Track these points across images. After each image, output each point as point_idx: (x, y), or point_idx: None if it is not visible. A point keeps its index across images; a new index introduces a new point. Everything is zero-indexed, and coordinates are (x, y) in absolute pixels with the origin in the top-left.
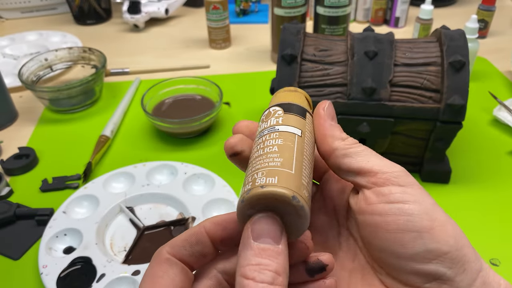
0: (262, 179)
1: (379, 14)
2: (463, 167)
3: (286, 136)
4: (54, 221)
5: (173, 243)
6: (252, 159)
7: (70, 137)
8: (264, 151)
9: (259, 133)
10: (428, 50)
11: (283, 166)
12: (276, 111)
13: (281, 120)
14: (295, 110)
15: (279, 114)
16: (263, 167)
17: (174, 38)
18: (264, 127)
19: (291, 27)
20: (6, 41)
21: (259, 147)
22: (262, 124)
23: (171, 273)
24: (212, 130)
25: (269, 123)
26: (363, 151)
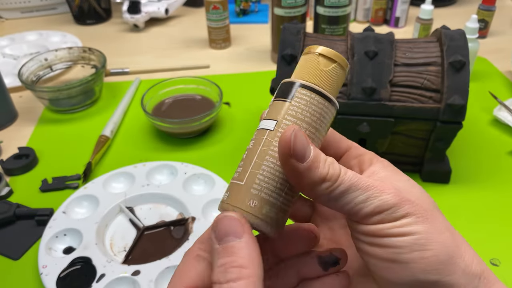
0: (227, 192)
1: (379, 14)
2: (463, 167)
3: (258, 135)
4: (54, 221)
5: (202, 238)
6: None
7: (70, 137)
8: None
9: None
10: (428, 50)
11: (238, 178)
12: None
13: (266, 112)
14: (281, 91)
15: (270, 103)
16: (232, 178)
17: (174, 38)
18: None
19: (291, 27)
20: (6, 41)
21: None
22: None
23: (199, 268)
24: (212, 130)
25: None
26: (348, 188)
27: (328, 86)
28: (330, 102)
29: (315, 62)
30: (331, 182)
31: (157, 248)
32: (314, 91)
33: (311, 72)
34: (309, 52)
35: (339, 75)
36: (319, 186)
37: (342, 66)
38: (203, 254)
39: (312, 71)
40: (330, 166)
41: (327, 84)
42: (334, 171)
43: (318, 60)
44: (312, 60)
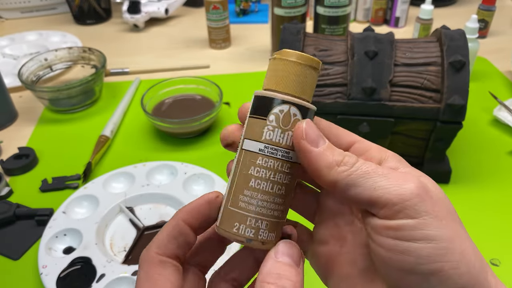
0: (265, 233)
1: (379, 14)
2: (463, 167)
3: (293, 171)
4: (54, 221)
5: (159, 243)
6: (261, 188)
7: (70, 137)
8: (272, 189)
9: (270, 145)
10: (428, 50)
11: (282, 218)
12: (295, 119)
13: (244, 131)
14: (261, 109)
15: (247, 118)
16: (268, 216)
17: (174, 38)
18: (279, 141)
19: (291, 27)
20: (6, 41)
21: (268, 175)
22: (277, 129)
23: (166, 274)
24: (212, 130)
25: (285, 140)
26: (367, 173)
27: (309, 94)
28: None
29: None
30: (348, 166)
31: None
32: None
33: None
34: (284, 59)
35: (315, 78)
36: (336, 169)
37: (318, 69)
38: (166, 259)
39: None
40: (346, 154)
41: (309, 92)
42: (351, 157)
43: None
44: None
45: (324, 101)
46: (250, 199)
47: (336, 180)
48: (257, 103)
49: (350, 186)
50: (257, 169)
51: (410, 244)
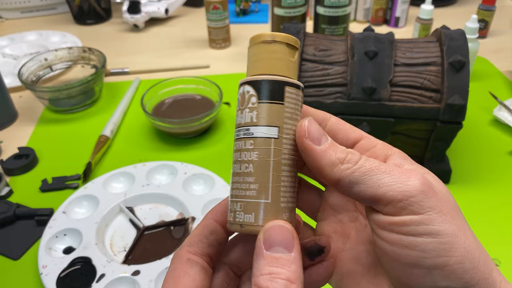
0: (241, 214)
1: (379, 14)
2: (463, 167)
3: (261, 145)
4: (54, 221)
5: (190, 241)
6: (233, 171)
7: (70, 137)
8: (241, 169)
9: (236, 128)
10: (428, 50)
11: (259, 196)
12: (250, 95)
13: (255, 116)
14: (271, 92)
15: (253, 104)
16: (241, 197)
17: (174, 38)
18: (240, 122)
19: (291, 27)
20: (6, 41)
21: (237, 156)
22: (238, 112)
23: (192, 273)
24: (212, 130)
25: (244, 118)
26: (370, 170)
27: (296, 74)
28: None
29: (284, 53)
30: (351, 164)
31: (157, 248)
32: (298, 88)
33: (285, 65)
34: (272, 41)
35: (271, 50)
36: (339, 167)
37: (269, 41)
38: (194, 258)
39: (284, 63)
40: (349, 151)
41: (296, 73)
42: (354, 155)
43: (286, 51)
44: (280, 51)
45: (324, 101)
46: (232, 184)
47: (340, 178)
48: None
49: (353, 183)
50: (234, 154)
51: (415, 239)
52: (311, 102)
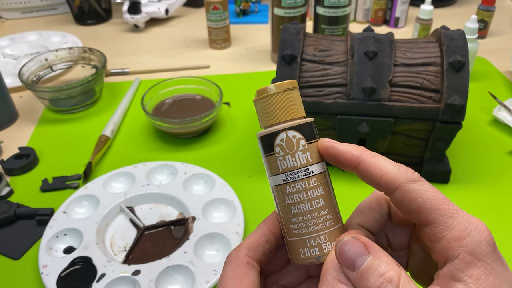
0: (327, 244)
1: (379, 14)
2: (463, 167)
3: (322, 180)
4: (54, 221)
5: (249, 246)
6: (296, 211)
7: (70, 137)
8: (312, 206)
9: (290, 172)
10: (428, 50)
11: (335, 223)
12: (298, 139)
13: (310, 156)
14: (311, 132)
15: (303, 146)
16: (322, 230)
17: (174, 38)
18: (294, 164)
19: (291, 27)
20: (6, 41)
21: (300, 196)
22: (287, 156)
23: (251, 276)
24: (212, 130)
25: (298, 160)
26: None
27: (297, 111)
28: None
29: (299, 95)
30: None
31: (157, 248)
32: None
33: (302, 106)
34: (293, 88)
35: (295, 95)
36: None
37: (292, 88)
38: (252, 262)
39: (302, 104)
40: (384, 281)
41: (297, 109)
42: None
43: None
44: (298, 95)
45: (324, 101)
46: (299, 224)
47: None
48: (262, 143)
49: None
50: (290, 197)
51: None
52: (310, 102)
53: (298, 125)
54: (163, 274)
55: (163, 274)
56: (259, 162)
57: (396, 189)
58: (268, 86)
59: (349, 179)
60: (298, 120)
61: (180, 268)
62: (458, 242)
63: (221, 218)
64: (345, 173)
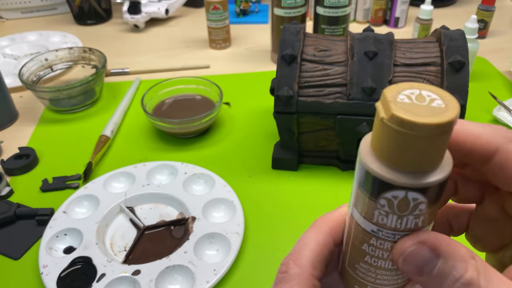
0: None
1: (379, 14)
2: None
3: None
4: (54, 221)
5: (314, 261)
6: (376, 265)
7: (71, 137)
8: (392, 266)
9: (388, 233)
10: (428, 50)
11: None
12: (417, 203)
13: (421, 221)
14: (438, 195)
15: (421, 211)
16: (390, 285)
17: (174, 38)
18: (395, 226)
19: (291, 28)
20: (6, 41)
21: (384, 255)
22: (391, 216)
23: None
24: (212, 130)
25: (404, 224)
26: None
27: (436, 160)
28: None
29: (447, 139)
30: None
31: (157, 248)
32: None
33: (415, 155)
34: (407, 133)
35: (446, 140)
36: None
37: (450, 131)
38: (317, 284)
39: (414, 153)
40: (461, 286)
41: (436, 157)
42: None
43: (421, 142)
44: (446, 138)
45: (324, 101)
46: (368, 271)
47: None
48: (366, 179)
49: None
50: (372, 248)
51: None
52: (311, 102)
53: (428, 186)
54: (163, 274)
55: (163, 274)
56: (259, 162)
57: (495, 154)
58: (424, 123)
59: None
60: (436, 174)
61: (180, 268)
62: None
63: (221, 218)
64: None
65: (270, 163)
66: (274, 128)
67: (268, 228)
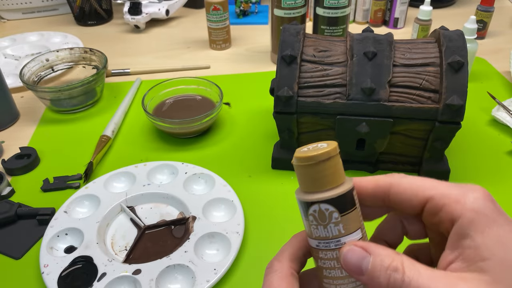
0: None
1: (378, 15)
2: (462, 167)
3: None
4: (55, 220)
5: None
6: (330, 275)
7: (71, 137)
8: (342, 273)
9: (323, 240)
10: (427, 51)
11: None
12: (330, 212)
13: (342, 228)
14: (348, 203)
15: (336, 219)
16: None
17: (175, 39)
18: (326, 235)
19: (291, 28)
20: (7, 41)
21: (333, 264)
22: (319, 227)
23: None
24: (212, 130)
25: (331, 233)
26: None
27: (337, 178)
28: None
29: (339, 161)
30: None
31: (158, 247)
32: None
33: (342, 170)
34: (329, 158)
35: (337, 162)
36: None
37: (334, 155)
38: (295, 274)
39: (341, 168)
40: (391, 273)
41: (337, 176)
42: (396, 278)
43: (339, 158)
44: (337, 161)
45: (323, 102)
46: (331, 284)
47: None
48: (299, 205)
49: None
50: (323, 261)
51: None
52: (310, 103)
53: (332, 198)
54: (163, 273)
55: (164, 273)
56: (259, 162)
57: (389, 190)
58: (308, 154)
59: None
60: (335, 190)
61: (181, 267)
62: (457, 204)
63: (221, 217)
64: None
65: (270, 163)
66: (274, 128)
67: (268, 227)
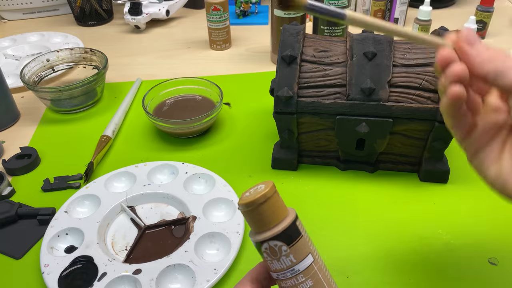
0: None
1: (378, 15)
2: (461, 167)
3: (310, 272)
4: (56, 220)
5: (252, 278)
6: None
7: (72, 137)
8: None
9: (280, 272)
10: (427, 51)
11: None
12: (279, 246)
13: (293, 257)
14: (293, 235)
15: (286, 251)
16: None
17: (175, 39)
18: (281, 267)
19: (291, 28)
20: (8, 42)
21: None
22: (274, 260)
23: None
24: (212, 130)
25: (284, 264)
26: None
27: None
28: None
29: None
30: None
31: (158, 247)
32: (296, 214)
33: (283, 205)
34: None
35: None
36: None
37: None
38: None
39: (282, 204)
40: (493, 52)
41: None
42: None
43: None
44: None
45: (323, 102)
46: None
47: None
48: (254, 246)
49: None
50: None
51: None
52: (310, 103)
53: (278, 234)
54: (164, 273)
55: (164, 273)
56: (259, 162)
57: None
58: (248, 200)
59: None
60: (279, 225)
61: (181, 267)
62: None
63: (222, 217)
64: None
65: (270, 163)
66: (274, 128)
67: None
